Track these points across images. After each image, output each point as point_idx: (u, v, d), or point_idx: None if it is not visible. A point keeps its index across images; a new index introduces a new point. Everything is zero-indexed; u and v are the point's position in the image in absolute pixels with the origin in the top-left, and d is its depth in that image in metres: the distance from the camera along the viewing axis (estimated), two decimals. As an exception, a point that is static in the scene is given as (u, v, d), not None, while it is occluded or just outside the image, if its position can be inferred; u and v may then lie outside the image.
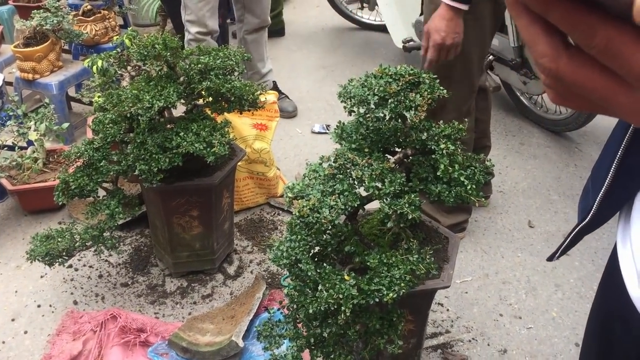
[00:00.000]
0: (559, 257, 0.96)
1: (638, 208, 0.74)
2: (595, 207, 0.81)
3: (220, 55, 1.95)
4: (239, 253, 2.40)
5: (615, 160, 0.75)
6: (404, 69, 1.43)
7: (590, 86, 0.35)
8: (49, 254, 1.88)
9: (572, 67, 0.35)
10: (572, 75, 0.35)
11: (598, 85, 0.35)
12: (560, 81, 0.36)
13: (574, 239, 0.90)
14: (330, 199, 1.35)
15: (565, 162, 3.05)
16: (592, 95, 0.36)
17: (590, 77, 0.35)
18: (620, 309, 0.76)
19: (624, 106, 0.35)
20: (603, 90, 0.35)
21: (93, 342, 1.92)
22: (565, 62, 0.35)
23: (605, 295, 0.86)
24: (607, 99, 0.35)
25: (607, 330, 0.86)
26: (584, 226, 0.85)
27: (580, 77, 0.35)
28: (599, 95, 0.35)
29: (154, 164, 1.84)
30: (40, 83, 3.04)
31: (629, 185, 0.75)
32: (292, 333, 1.47)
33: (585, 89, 0.35)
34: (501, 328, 2.06)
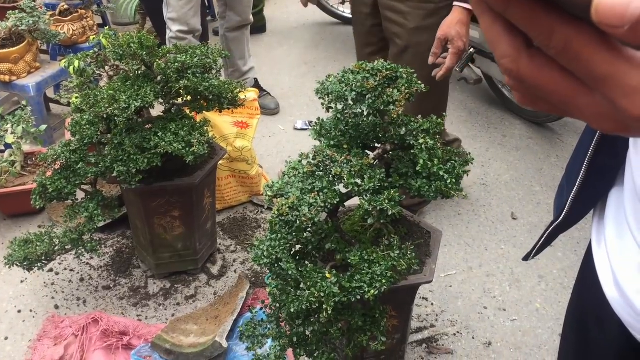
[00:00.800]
0: (534, 256, 0.95)
1: (611, 207, 0.74)
2: (568, 206, 0.81)
3: (198, 54, 1.93)
4: (222, 252, 2.38)
5: (586, 159, 0.74)
6: (382, 64, 1.42)
7: (551, 88, 0.34)
8: (27, 259, 1.86)
9: (533, 69, 0.34)
10: (532, 77, 0.34)
11: (558, 87, 0.34)
12: (522, 82, 0.35)
13: (549, 237, 0.89)
14: (310, 196, 1.34)
15: (547, 153, 3.07)
16: (553, 98, 0.35)
17: (551, 79, 0.34)
18: (596, 309, 0.76)
19: (584, 109, 0.34)
20: (563, 92, 0.34)
21: (75, 346, 1.89)
22: (526, 63, 0.34)
23: (582, 293, 0.86)
24: (567, 101, 0.34)
25: (583, 329, 0.85)
26: (558, 224, 0.85)
27: (540, 78, 0.34)
28: (559, 97, 0.34)
29: (132, 164, 1.81)
30: (17, 85, 2.99)
31: (600, 184, 0.75)
32: (275, 332, 1.46)
33: (545, 91, 0.35)
34: (485, 321, 2.06)
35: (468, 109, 3.49)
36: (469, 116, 3.41)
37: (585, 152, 0.75)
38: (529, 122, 3.31)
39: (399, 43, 2.16)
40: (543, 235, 0.90)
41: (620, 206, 0.71)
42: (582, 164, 0.75)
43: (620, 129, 0.34)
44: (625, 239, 0.69)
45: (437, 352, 1.93)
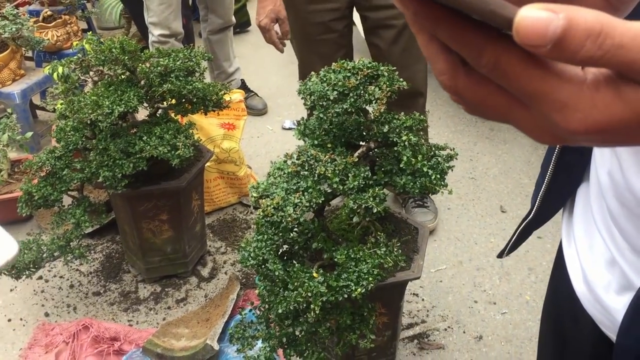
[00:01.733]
0: (508, 253, 0.96)
1: (579, 204, 0.75)
2: (538, 203, 0.81)
3: (180, 57, 1.92)
4: (212, 254, 2.38)
5: (554, 157, 0.75)
6: (362, 62, 1.42)
7: (488, 104, 0.35)
8: (15, 267, 1.85)
9: (469, 85, 0.34)
10: (470, 93, 0.35)
11: (495, 103, 0.34)
12: (461, 97, 0.36)
13: (522, 234, 0.90)
14: (295, 196, 1.34)
15: (535, 145, 3.08)
16: (491, 112, 0.35)
17: (487, 95, 0.34)
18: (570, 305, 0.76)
19: (521, 123, 0.35)
20: (500, 108, 0.34)
21: (66, 353, 1.89)
22: (463, 80, 0.34)
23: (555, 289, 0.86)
24: (504, 116, 0.35)
25: (559, 324, 0.86)
26: (529, 221, 0.86)
27: (477, 95, 0.35)
28: (497, 112, 0.35)
29: (118, 169, 1.81)
30: (2, 92, 2.98)
31: (568, 181, 0.76)
32: (265, 334, 1.46)
33: (483, 107, 0.35)
34: (476, 315, 2.07)
35: (454, 104, 3.49)
36: (455, 111, 3.42)
37: (553, 149, 0.75)
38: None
39: (396, 24, 2.17)
40: (515, 232, 0.90)
41: (587, 203, 0.72)
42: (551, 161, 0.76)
43: (559, 141, 0.35)
44: (593, 235, 0.69)
45: (429, 347, 1.94)
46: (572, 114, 0.31)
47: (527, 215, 0.86)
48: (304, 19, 2.28)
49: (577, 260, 0.73)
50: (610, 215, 0.64)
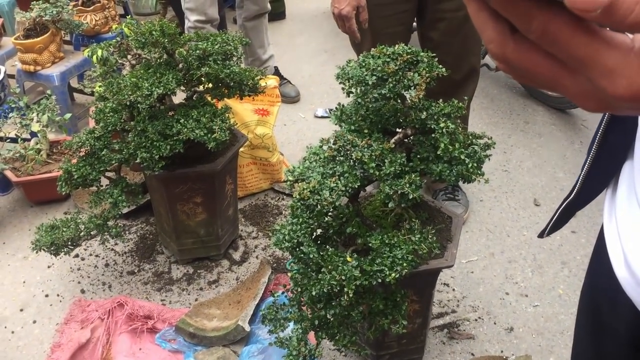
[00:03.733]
0: (549, 233, 0.95)
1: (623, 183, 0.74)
2: (580, 183, 0.81)
3: (219, 41, 1.94)
4: (244, 239, 2.40)
5: (597, 137, 0.75)
6: (402, 48, 1.42)
7: (536, 71, 0.35)
8: (54, 244, 1.90)
9: (518, 53, 0.35)
10: (518, 60, 0.36)
11: (543, 69, 0.35)
12: (509, 65, 0.37)
13: (563, 215, 0.89)
14: (331, 180, 1.34)
15: (571, 139, 3.03)
16: (539, 79, 0.36)
17: (535, 62, 0.35)
18: (609, 291, 0.75)
19: (569, 89, 0.36)
20: (548, 74, 0.35)
21: (101, 329, 1.93)
22: (512, 48, 0.35)
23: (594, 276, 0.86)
24: (552, 82, 0.36)
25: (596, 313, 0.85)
26: (571, 201, 0.85)
27: (525, 62, 0.35)
28: (545, 79, 0.36)
29: (155, 151, 1.84)
30: (42, 74, 3.04)
31: (611, 162, 0.75)
32: (297, 316, 1.47)
33: (531, 73, 0.36)
34: (507, 306, 2.06)
35: (490, 95, 3.46)
36: (490, 103, 3.38)
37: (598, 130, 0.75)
38: (552, 109, 3.27)
39: (462, 14, 2.17)
40: (557, 211, 0.90)
41: (630, 183, 0.71)
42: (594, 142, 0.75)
43: (604, 108, 0.35)
44: (636, 214, 0.69)
45: (459, 337, 1.94)
46: (618, 80, 0.32)
47: (568, 195, 0.85)
48: (371, 11, 2.24)
49: (618, 242, 0.72)
50: None
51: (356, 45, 2.41)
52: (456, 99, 1.50)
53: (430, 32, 2.30)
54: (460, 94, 2.17)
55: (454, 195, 2.49)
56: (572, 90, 0.36)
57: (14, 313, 2.07)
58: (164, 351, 1.90)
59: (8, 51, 3.29)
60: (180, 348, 1.89)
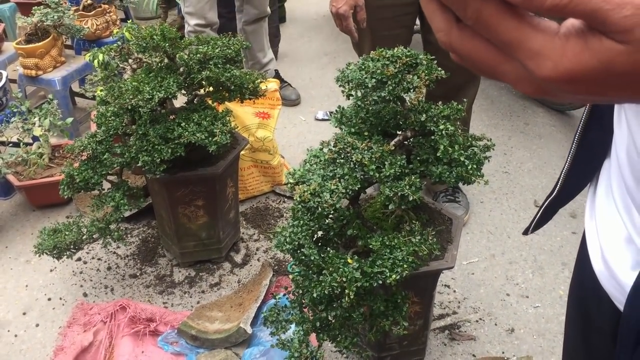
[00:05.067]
0: (532, 231, 0.96)
1: (602, 180, 0.75)
2: (562, 180, 0.82)
3: (219, 44, 1.95)
4: (245, 241, 2.41)
5: (576, 135, 0.76)
6: (401, 51, 1.43)
7: (478, 57, 0.38)
8: (56, 247, 1.91)
9: (461, 40, 0.38)
10: (462, 48, 0.38)
11: (483, 56, 0.38)
12: (456, 53, 0.39)
13: (546, 212, 0.90)
14: (331, 183, 1.35)
15: (570, 140, 3.02)
16: (481, 65, 0.39)
17: (477, 49, 0.38)
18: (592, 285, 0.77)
19: (507, 74, 0.38)
20: (488, 60, 0.38)
21: (104, 332, 1.94)
22: (456, 36, 0.38)
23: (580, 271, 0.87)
24: (492, 68, 0.38)
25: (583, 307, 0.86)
26: (553, 199, 0.86)
27: (468, 49, 0.38)
28: (486, 65, 0.38)
29: (157, 154, 1.85)
30: (44, 79, 3.05)
31: (591, 159, 0.77)
32: (298, 318, 1.48)
33: (474, 60, 0.39)
34: (508, 308, 2.06)
35: (490, 97, 3.47)
36: (490, 105, 3.39)
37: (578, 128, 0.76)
38: (552, 110, 3.28)
39: None
40: (540, 208, 0.91)
41: (608, 181, 0.72)
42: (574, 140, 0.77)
43: (539, 92, 0.38)
44: (612, 212, 0.71)
45: (460, 338, 1.94)
46: (543, 62, 0.35)
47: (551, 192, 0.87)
48: (371, 13, 2.25)
49: (596, 238, 0.74)
50: (629, 192, 0.65)
51: (357, 45, 2.42)
52: (457, 102, 1.51)
53: (431, 35, 2.31)
54: (461, 98, 2.17)
55: (455, 197, 2.50)
56: (510, 76, 0.38)
57: (16, 317, 2.08)
58: (166, 354, 1.90)
59: (9, 56, 3.30)
60: (183, 351, 1.90)
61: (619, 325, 0.66)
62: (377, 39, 2.30)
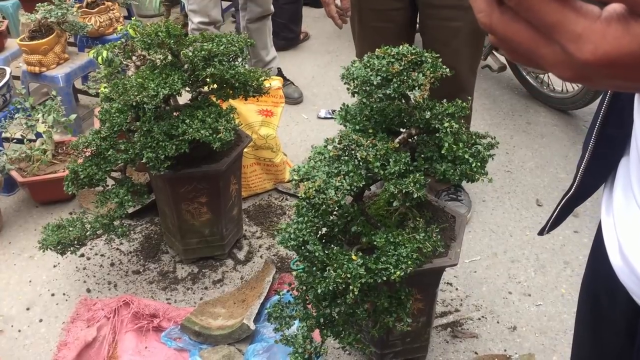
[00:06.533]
0: (549, 230, 0.96)
1: (620, 176, 0.75)
2: (579, 178, 0.82)
3: (224, 42, 1.96)
4: (248, 238, 2.42)
5: (595, 131, 0.76)
6: (406, 48, 1.43)
7: (518, 39, 0.39)
8: (60, 243, 1.91)
9: (503, 22, 0.39)
10: (502, 30, 0.39)
11: (523, 38, 0.38)
12: (495, 35, 0.40)
13: (563, 210, 0.90)
14: (336, 180, 1.36)
15: (573, 140, 3.04)
16: (520, 48, 0.40)
17: (517, 31, 0.38)
18: (607, 280, 0.77)
19: (546, 58, 0.39)
20: (527, 43, 0.39)
21: (107, 328, 1.95)
22: (497, 17, 0.39)
23: (593, 266, 0.87)
24: (531, 51, 0.39)
25: (595, 301, 0.86)
26: (570, 197, 0.86)
27: (509, 31, 0.39)
28: (525, 48, 0.39)
29: (161, 151, 1.85)
30: (47, 76, 3.06)
31: (609, 155, 0.77)
32: (302, 314, 1.49)
33: (514, 42, 0.39)
34: (510, 306, 2.07)
35: (492, 96, 3.47)
36: (492, 104, 3.40)
37: (595, 123, 0.76)
38: (554, 109, 3.29)
39: (454, 25, 2.14)
40: (557, 207, 0.91)
41: (627, 176, 0.72)
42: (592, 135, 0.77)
43: (577, 76, 0.38)
44: (631, 206, 0.70)
45: (462, 336, 1.95)
46: (585, 45, 0.35)
47: (568, 190, 0.86)
48: (361, 3, 2.26)
49: (614, 233, 0.74)
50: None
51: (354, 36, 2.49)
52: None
53: (422, 36, 2.31)
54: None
55: (457, 196, 2.50)
56: (549, 59, 0.38)
57: (20, 312, 2.09)
58: (169, 349, 1.91)
59: (13, 52, 3.31)
60: (186, 346, 1.91)
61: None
62: (364, 29, 2.34)
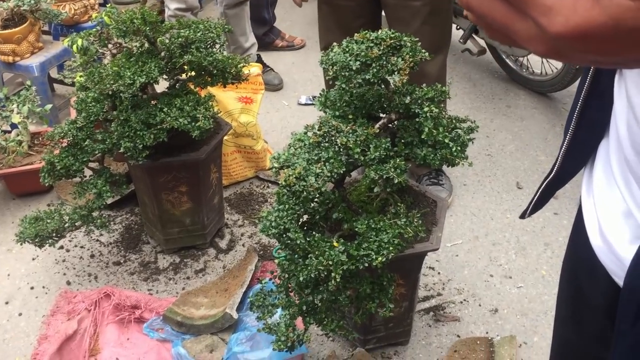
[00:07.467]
0: (530, 213, 0.96)
1: (600, 159, 0.75)
2: (560, 160, 0.82)
3: (201, 28, 1.93)
4: (230, 227, 2.40)
5: (575, 113, 0.76)
6: (385, 32, 1.42)
7: (492, 15, 0.40)
8: (38, 235, 1.88)
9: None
10: (478, 6, 0.40)
11: (498, 14, 0.39)
12: (472, 11, 0.41)
13: (544, 194, 0.90)
14: (316, 166, 1.35)
15: (552, 122, 3.06)
16: (496, 24, 0.40)
17: (492, 7, 0.39)
18: (587, 261, 0.77)
19: (520, 33, 0.39)
20: (502, 19, 0.39)
21: (88, 320, 1.93)
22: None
23: (573, 247, 0.88)
24: (506, 27, 0.40)
25: (576, 279, 0.87)
26: (551, 180, 0.86)
27: (484, 6, 0.40)
28: (500, 24, 0.40)
29: (139, 140, 1.82)
30: (21, 65, 2.99)
31: (589, 138, 0.77)
32: (284, 302, 1.48)
33: (489, 19, 0.40)
34: (492, 288, 2.09)
35: (472, 80, 3.48)
36: (472, 87, 3.40)
37: (575, 106, 0.76)
38: (534, 92, 3.30)
39: (414, 5, 2.14)
40: (537, 191, 0.91)
41: (607, 158, 0.73)
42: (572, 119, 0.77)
43: (551, 51, 0.39)
44: (611, 188, 0.71)
45: (444, 319, 1.96)
46: (555, 17, 0.35)
47: (548, 174, 0.87)
48: None
49: (594, 213, 0.75)
50: (628, 166, 0.65)
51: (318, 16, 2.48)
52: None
53: (386, 16, 2.30)
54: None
55: (438, 180, 2.51)
56: (523, 34, 0.39)
57: (-1, 306, 2.06)
58: (152, 340, 1.90)
59: (-15, 42, 3.23)
60: (168, 337, 1.90)
61: (619, 299, 0.67)
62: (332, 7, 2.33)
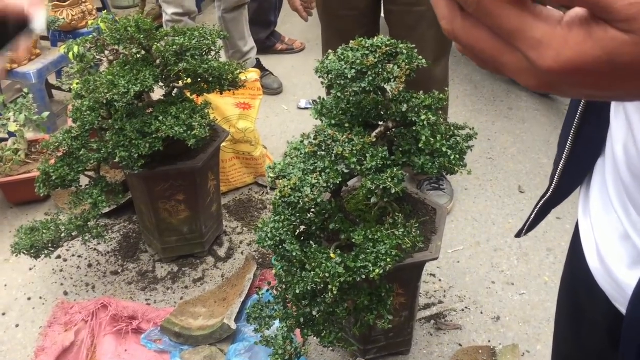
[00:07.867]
0: (527, 232, 0.94)
1: (596, 178, 0.73)
2: (557, 179, 0.79)
3: (196, 35, 1.91)
4: (228, 235, 2.38)
5: (572, 130, 0.73)
6: (381, 40, 1.40)
7: (480, 47, 0.37)
8: (34, 247, 1.86)
9: (465, 29, 0.37)
10: (465, 37, 0.38)
11: (485, 46, 0.37)
12: (459, 41, 0.38)
13: (540, 212, 0.88)
14: (312, 177, 1.33)
15: (555, 124, 3.03)
16: (483, 56, 0.38)
17: (479, 38, 0.37)
18: (585, 282, 0.75)
19: (509, 66, 0.37)
20: (490, 51, 0.37)
21: (85, 332, 1.91)
22: (460, 24, 0.37)
23: (572, 267, 0.85)
24: (494, 59, 0.37)
25: (575, 297, 0.85)
26: (548, 199, 0.83)
27: (471, 38, 0.37)
28: (488, 55, 0.38)
29: (134, 150, 1.80)
30: (19, 72, 2.98)
31: (586, 156, 0.74)
32: (282, 313, 1.46)
33: (477, 49, 0.38)
34: (494, 295, 2.06)
35: (473, 82, 3.45)
36: (474, 90, 3.37)
37: (571, 123, 0.73)
38: (535, 94, 3.27)
39: (418, 10, 2.13)
40: (534, 210, 0.88)
41: (603, 178, 0.70)
42: (568, 137, 0.74)
43: (543, 85, 0.37)
44: (608, 210, 0.68)
45: (446, 328, 1.93)
46: (546, 51, 0.34)
47: (545, 193, 0.84)
48: None
49: (591, 235, 0.72)
50: (625, 189, 0.63)
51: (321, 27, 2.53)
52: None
53: (388, 22, 2.29)
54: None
55: (439, 185, 2.48)
56: (512, 67, 0.37)
57: (-4, 317, 2.04)
58: (149, 352, 1.88)
59: (-17, 49, 3.21)
60: (166, 348, 1.88)
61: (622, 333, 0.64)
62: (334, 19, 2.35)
